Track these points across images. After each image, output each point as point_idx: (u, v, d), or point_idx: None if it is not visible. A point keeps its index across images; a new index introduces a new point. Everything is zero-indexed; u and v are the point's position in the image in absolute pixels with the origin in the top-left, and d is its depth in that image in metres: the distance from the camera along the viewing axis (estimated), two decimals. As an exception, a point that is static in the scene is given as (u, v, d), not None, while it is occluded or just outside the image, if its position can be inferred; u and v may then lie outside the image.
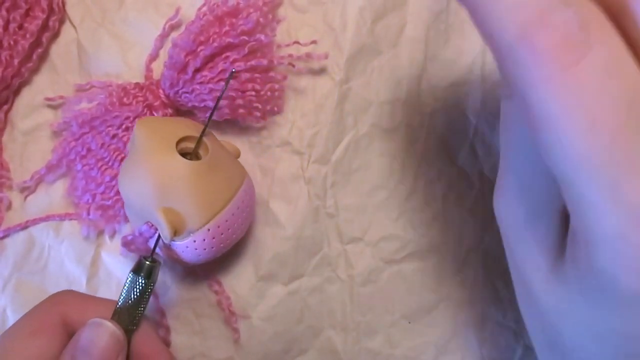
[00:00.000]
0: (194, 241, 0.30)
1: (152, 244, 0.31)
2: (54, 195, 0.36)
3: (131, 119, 0.34)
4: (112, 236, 0.35)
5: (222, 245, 0.31)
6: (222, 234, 0.31)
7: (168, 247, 0.31)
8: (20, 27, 0.35)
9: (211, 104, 0.34)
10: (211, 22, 0.33)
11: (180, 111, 0.35)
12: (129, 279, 0.30)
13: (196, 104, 0.34)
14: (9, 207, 0.36)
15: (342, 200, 0.36)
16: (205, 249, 0.31)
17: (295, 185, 0.36)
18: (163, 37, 0.36)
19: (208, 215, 0.30)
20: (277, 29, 0.35)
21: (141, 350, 0.30)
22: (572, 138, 0.17)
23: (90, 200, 0.34)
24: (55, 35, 0.36)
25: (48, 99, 0.36)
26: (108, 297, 0.35)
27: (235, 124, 0.36)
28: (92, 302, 0.30)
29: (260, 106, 0.34)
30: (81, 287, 0.35)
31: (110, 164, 0.34)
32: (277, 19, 0.35)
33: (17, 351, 0.27)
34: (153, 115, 0.34)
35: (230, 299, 0.35)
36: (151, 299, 0.32)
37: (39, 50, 0.35)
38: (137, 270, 0.30)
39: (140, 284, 0.29)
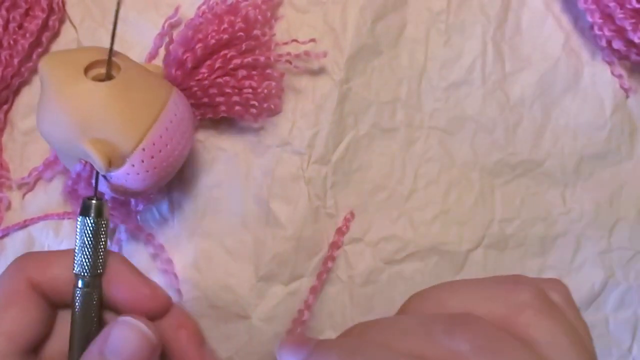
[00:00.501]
0: (132, 165, 0.29)
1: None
2: (52, 194, 0.36)
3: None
4: (111, 236, 0.35)
5: (164, 164, 0.30)
6: (160, 151, 0.29)
7: (110, 182, 0.29)
8: (20, 26, 0.35)
9: (207, 101, 0.34)
10: (210, 20, 0.33)
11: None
12: (79, 222, 0.27)
13: (193, 101, 0.34)
14: (9, 207, 0.36)
15: (342, 201, 0.36)
16: (147, 171, 0.29)
17: (295, 185, 0.36)
18: (163, 35, 0.36)
19: (138, 135, 0.28)
20: (275, 27, 0.35)
21: (115, 291, 0.28)
22: None
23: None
24: (55, 35, 0.36)
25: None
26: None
27: (234, 124, 0.36)
28: (54, 257, 0.28)
29: (257, 104, 0.34)
30: (80, 287, 0.35)
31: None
32: (276, 17, 0.35)
33: None
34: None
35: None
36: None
37: (39, 50, 0.35)
38: (84, 212, 0.27)
39: (91, 225, 0.27)
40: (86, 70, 0.29)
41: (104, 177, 0.29)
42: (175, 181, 0.36)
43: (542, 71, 0.37)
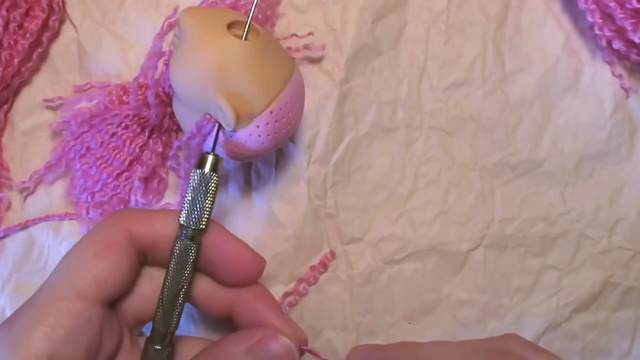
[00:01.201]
0: (257, 126, 0.29)
1: (210, 141, 0.29)
2: (53, 195, 0.36)
3: (131, 117, 0.34)
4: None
5: (283, 130, 0.30)
6: (283, 118, 0.30)
7: (229, 140, 0.30)
8: (20, 26, 0.35)
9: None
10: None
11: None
12: (196, 175, 0.28)
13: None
14: (9, 207, 0.36)
15: (342, 201, 0.36)
16: (268, 135, 0.29)
17: (295, 185, 0.36)
18: (162, 35, 0.36)
19: (269, 97, 0.29)
20: (276, 26, 0.35)
21: (216, 250, 0.28)
22: None
23: (89, 199, 0.34)
24: (56, 35, 0.36)
25: (47, 100, 0.36)
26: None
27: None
28: (156, 214, 0.29)
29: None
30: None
31: (109, 162, 0.34)
32: (276, 15, 0.35)
33: (83, 272, 0.26)
34: (150, 112, 0.33)
35: None
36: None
37: (39, 50, 0.36)
38: (201, 165, 0.28)
39: (207, 178, 0.28)
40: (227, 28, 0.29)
41: (225, 134, 0.29)
42: (175, 182, 0.36)
43: (542, 71, 0.37)
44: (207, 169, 0.28)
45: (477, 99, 0.36)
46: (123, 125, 0.34)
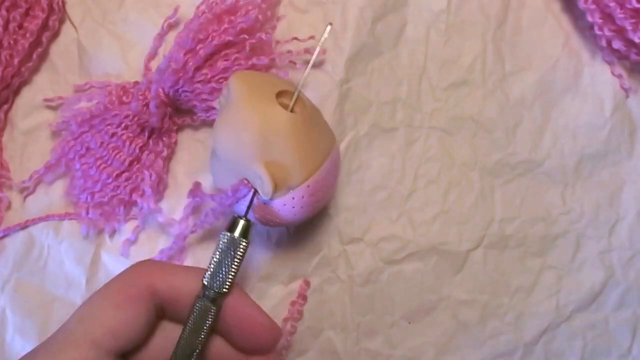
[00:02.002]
0: (293, 198, 0.29)
1: (242, 204, 0.29)
2: (53, 195, 0.36)
3: (131, 117, 0.34)
4: (111, 236, 0.35)
5: (317, 204, 0.30)
6: (319, 191, 0.30)
7: (262, 206, 0.30)
8: (20, 26, 0.35)
9: (213, 103, 0.34)
10: (210, 20, 0.33)
11: (181, 110, 0.35)
12: (225, 238, 0.28)
13: (197, 103, 0.34)
14: (9, 207, 0.36)
15: (342, 201, 0.36)
16: (302, 207, 0.29)
17: (295, 185, 0.36)
18: (162, 36, 0.36)
19: (309, 171, 0.29)
20: (277, 27, 0.35)
21: (234, 315, 0.28)
22: None
23: (89, 199, 0.34)
24: (55, 35, 0.36)
25: (47, 100, 0.36)
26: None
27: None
28: (179, 270, 0.28)
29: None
30: (80, 287, 0.35)
31: (109, 162, 0.34)
32: (277, 17, 0.36)
33: (100, 322, 0.26)
34: (152, 112, 0.33)
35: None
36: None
37: (39, 49, 0.36)
38: (232, 228, 0.28)
39: (236, 243, 0.28)
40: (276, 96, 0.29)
41: (260, 200, 0.29)
42: (175, 182, 0.36)
43: (542, 71, 0.37)
44: (237, 233, 0.28)
45: (477, 99, 0.36)
46: (123, 125, 0.34)
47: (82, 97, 0.35)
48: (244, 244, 0.28)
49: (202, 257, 0.35)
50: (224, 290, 0.27)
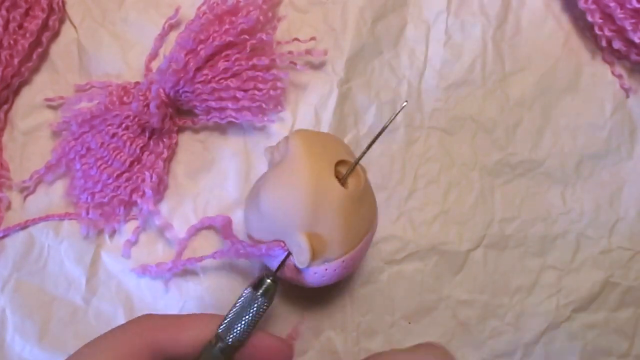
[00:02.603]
0: (326, 269, 0.29)
1: (273, 260, 0.29)
2: (53, 195, 0.36)
3: (131, 117, 0.34)
4: (111, 236, 0.35)
5: (344, 274, 0.30)
6: (351, 266, 0.30)
7: (291, 267, 0.29)
8: (20, 26, 0.35)
9: (214, 104, 0.34)
10: (211, 21, 0.33)
11: (181, 110, 0.35)
12: (247, 294, 0.28)
13: (197, 104, 0.34)
14: (9, 207, 0.36)
15: (342, 201, 0.36)
16: (331, 277, 0.29)
17: (295, 185, 0.36)
18: (163, 36, 0.36)
19: (348, 247, 0.29)
20: (277, 28, 0.35)
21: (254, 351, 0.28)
22: None
23: (89, 199, 0.34)
24: (55, 35, 0.36)
25: (48, 100, 0.36)
26: (107, 297, 0.35)
27: (234, 124, 0.36)
28: (185, 323, 0.27)
29: (264, 105, 0.34)
30: (80, 287, 0.35)
31: (109, 162, 0.34)
32: (278, 17, 0.35)
33: None
34: (152, 113, 0.33)
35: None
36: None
37: (39, 49, 0.35)
38: (257, 286, 0.28)
39: (259, 302, 0.27)
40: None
41: (294, 264, 0.29)
42: (175, 182, 0.36)
43: (542, 71, 0.37)
44: (261, 292, 0.28)
45: (477, 99, 0.36)
46: (123, 126, 0.34)
47: (83, 97, 0.35)
48: (266, 304, 0.28)
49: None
50: (237, 344, 0.27)
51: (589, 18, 0.35)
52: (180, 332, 0.27)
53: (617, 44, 0.35)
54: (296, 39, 0.35)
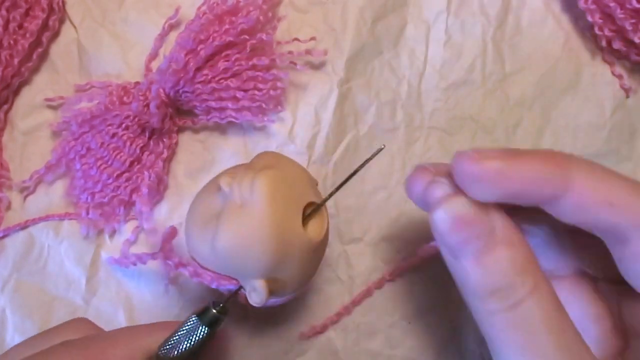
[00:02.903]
0: (275, 300, 0.30)
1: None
2: (53, 195, 0.36)
3: (131, 117, 0.34)
4: (111, 236, 0.35)
5: (292, 297, 0.31)
6: (299, 293, 0.31)
7: (241, 295, 0.29)
8: (20, 26, 0.35)
9: (214, 104, 0.34)
10: (211, 21, 0.33)
11: (181, 110, 0.35)
12: (191, 323, 0.26)
13: (197, 104, 0.34)
14: (9, 207, 0.36)
15: (342, 201, 0.36)
16: (273, 303, 0.30)
17: (295, 185, 0.36)
18: (163, 36, 0.36)
19: (301, 286, 0.29)
20: (277, 28, 0.35)
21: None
22: None
23: (89, 200, 0.34)
24: (55, 35, 0.36)
25: (48, 100, 0.36)
26: (107, 297, 0.35)
27: (234, 124, 0.36)
28: (119, 340, 0.26)
29: (264, 105, 0.34)
30: (80, 287, 0.35)
31: (109, 162, 0.34)
32: (278, 17, 0.36)
33: None
34: (152, 113, 0.33)
35: None
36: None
37: (39, 49, 0.35)
38: (202, 314, 0.26)
39: (201, 332, 0.26)
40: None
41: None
42: (175, 182, 0.36)
43: (542, 71, 0.37)
44: (205, 322, 0.26)
45: (477, 99, 0.36)
46: (124, 126, 0.34)
47: (83, 97, 0.35)
48: (208, 335, 0.26)
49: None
50: None
51: (589, 18, 0.35)
52: (109, 347, 0.25)
53: (617, 44, 0.35)
54: (296, 39, 0.35)
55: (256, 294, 0.27)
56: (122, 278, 0.35)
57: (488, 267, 0.23)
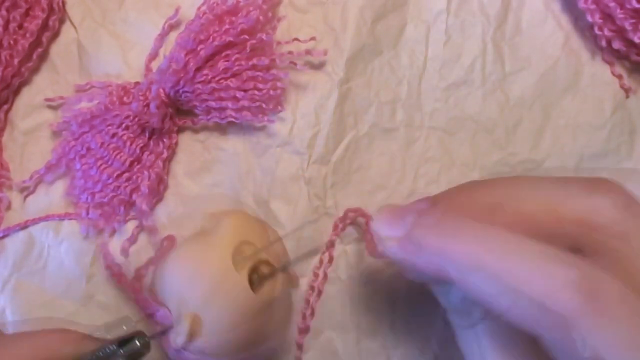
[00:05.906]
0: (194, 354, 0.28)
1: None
2: (53, 195, 0.36)
3: (131, 117, 0.34)
4: (111, 236, 0.35)
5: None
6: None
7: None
8: (20, 26, 0.35)
9: (214, 104, 0.34)
10: (211, 21, 0.33)
11: (181, 110, 0.35)
12: (111, 349, 0.25)
13: (197, 104, 0.34)
14: (9, 207, 0.36)
15: (342, 201, 0.36)
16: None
17: (295, 185, 0.36)
18: (163, 36, 0.36)
19: (233, 352, 0.28)
20: (277, 28, 0.35)
21: None
22: None
23: (89, 200, 0.34)
24: (55, 35, 0.36)
25: (48, 100, 0.36)
26: (107, 297, 0.35)
27: (234, 124, 0.36)
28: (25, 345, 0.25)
29: (264, 105, 0.34)
30: (80, 287, 0.35)
31: (109, 162, 0.34)
32: (278, 17, 0.36)
33: None
34: (152, 113, 0.33)
35: None
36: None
37: (39, 50, 0.36)
38: (123, 343, 0.25)
39: (119, 357, 0.25)
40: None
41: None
42: (175, 182, 0.36)
43: (542, 71, 0.37)
44: (124, 352, 0.25)
45: (477, 99, 0.36)
46: (124, 126, 0.34)
47: (83, 97, 0.35)
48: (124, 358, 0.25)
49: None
50: None
51: (589, 18, 0.35)
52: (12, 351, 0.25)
53: (617, 44, 0.35)
54: (296, 39, 0.35)
55: (178, 331, 0.27)
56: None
57: None
